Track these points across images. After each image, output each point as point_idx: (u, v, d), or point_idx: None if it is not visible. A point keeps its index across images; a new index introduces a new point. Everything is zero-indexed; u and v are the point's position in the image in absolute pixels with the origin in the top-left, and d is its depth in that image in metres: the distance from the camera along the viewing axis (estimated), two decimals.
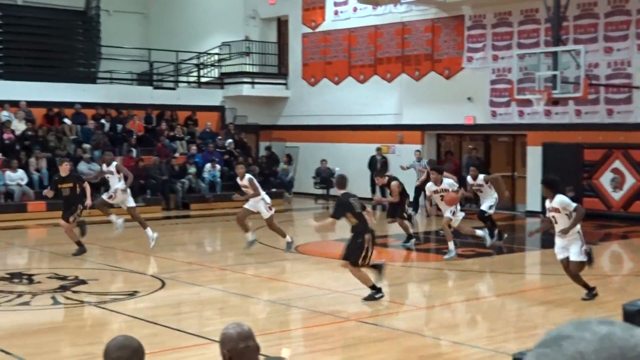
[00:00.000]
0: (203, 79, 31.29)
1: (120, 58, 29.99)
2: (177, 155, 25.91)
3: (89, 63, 30.75)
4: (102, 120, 26.45)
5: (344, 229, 11.87)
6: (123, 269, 12.98)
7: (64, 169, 15.23)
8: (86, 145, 24.43)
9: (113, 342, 3.83)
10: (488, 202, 16.52)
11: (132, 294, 11.40)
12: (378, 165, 24.51)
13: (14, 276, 13.10)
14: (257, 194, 15.41)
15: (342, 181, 11.29)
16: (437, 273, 14.00)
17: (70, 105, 26.05)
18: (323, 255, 15.04)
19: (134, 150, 25.50)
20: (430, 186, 15.11)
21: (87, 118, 26.25)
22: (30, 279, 12.85)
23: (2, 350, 8.48)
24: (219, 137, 27.61)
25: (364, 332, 9.90)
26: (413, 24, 26.06)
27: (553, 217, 10.89)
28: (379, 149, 25.99)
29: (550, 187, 11.08)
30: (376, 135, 26.57)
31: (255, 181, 15.74)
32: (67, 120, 25.61)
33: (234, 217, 16.31)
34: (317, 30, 29.13)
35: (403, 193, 16.62)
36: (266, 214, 15.46)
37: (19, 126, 24.50)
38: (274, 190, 24.46)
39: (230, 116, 29.67)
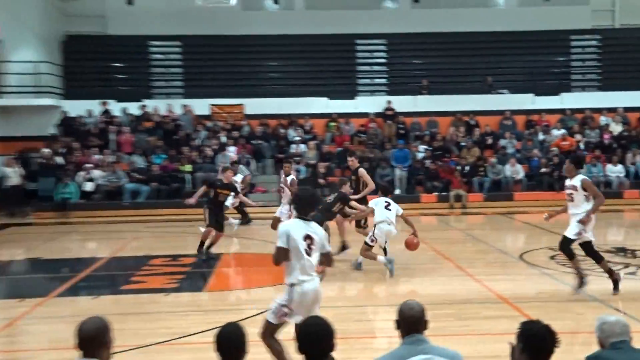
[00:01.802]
0: None
1: None
2: None
3: None
4: None
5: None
6: None
7: (228, 177, 15.58)
8: None
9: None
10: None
11: None
12: None
13: (619, 250, 15.59)
14: None
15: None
16: None
17: None
18: None
19: None
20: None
21: None
22: (633, 254, 15.14)
23: (618, 310, 10.06)
24: None
25: None
26: None
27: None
28: None
29: None
30: None
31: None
32: None
33: None
34: None
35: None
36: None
37: (616, 128, 29.59)
38: None
39: None
